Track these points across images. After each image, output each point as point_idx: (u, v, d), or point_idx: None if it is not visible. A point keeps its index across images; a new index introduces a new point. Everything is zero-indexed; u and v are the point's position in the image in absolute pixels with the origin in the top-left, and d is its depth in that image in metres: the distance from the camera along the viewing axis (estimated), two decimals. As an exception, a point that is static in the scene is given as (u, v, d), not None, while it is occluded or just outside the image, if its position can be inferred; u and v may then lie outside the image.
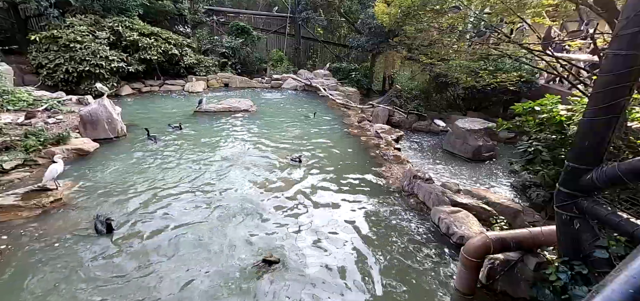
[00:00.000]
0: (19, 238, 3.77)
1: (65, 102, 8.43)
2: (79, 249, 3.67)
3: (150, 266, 3.47)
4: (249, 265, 3.53)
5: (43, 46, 9.70)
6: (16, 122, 6.52)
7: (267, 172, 5.81)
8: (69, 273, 3.32)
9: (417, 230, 4.37)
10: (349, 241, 4.05)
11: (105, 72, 10.07)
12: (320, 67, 16.58)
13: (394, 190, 5.44)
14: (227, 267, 3.51)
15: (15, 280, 3.20)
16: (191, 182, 5.29)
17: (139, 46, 11.01)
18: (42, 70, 9.66)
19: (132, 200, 4.68)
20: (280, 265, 3.54)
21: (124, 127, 7.30)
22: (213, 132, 7.83)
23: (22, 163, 5.43)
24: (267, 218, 4.44)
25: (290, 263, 3.61)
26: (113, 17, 11.01)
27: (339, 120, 9.50)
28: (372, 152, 7.04)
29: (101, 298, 3.05)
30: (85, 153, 6.16)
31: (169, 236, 3.94)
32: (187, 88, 12.10)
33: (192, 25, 14.12)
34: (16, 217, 4.16)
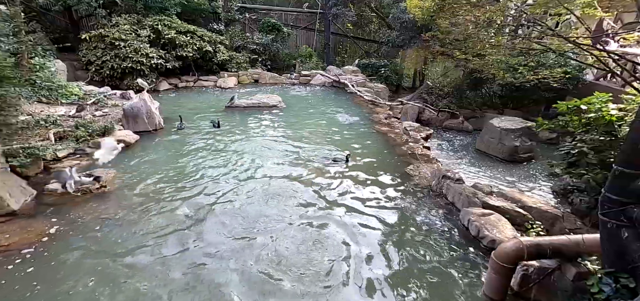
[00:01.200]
0: (69, 221, 4.13)
1: (110, 96, 9.08)
2: (118, 233, 3.96)
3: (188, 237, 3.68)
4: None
5: (92, 44, 10.50)
6: (69, 114, 7.13)
7: (294, 166, 5.90)
8: (104, 249, 3.60)
9: (444, 231, 4.24)
10: (372, 239, 4.01)
11: (145, 69, 10.72)
12: (349, 63, 16.47)
13: (422, 190, 5.30)
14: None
15: (62, 259, 3.51)
16: (226, 174, 5.50)
17: (176, 44, 11.58)
18: (90, 67, 10.48)
19: (169, 187, 4.96)
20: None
21: (162, 121, 7.72)
22: (243, 127, 8.06)
23: (73, 152, 5.93)
24: (289, 210, 4.51)
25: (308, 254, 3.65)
26: (153, 16, 11.66)
27: (366, 117, 9.40)
28: (400, 150, 6.90)
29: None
30: (128, 144, 6.59)
31: (212, 219, 4.16)
32: (219, 84, 12.55)
33: (225, 23, 14.58)
34: (67, 201, 4.57)
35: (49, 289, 3.08)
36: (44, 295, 3.01)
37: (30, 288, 3.09)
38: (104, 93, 9.07)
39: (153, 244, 3.77)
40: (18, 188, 4.52)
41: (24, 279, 3.19)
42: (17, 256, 3.47)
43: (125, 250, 3.65)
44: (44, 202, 4.53)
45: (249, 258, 3.59)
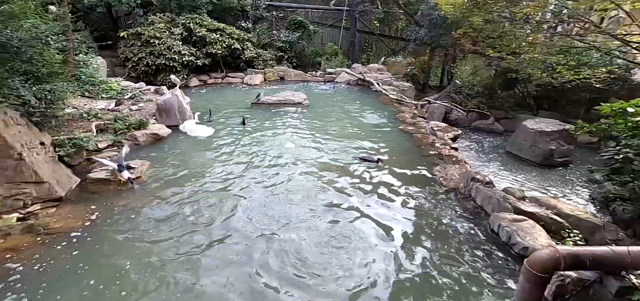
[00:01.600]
0: (108, 208, 4.41)
1: (145, 91, 9.55)
2: (151, 221, 4.18)
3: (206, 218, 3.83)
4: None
5: (129, 42, 11.09)
6: (108, 108, 7.58)
7: (318, 164, 5.93)
8: (141, 235, 3.81)
9: (472, 236, 4.11)
10: (396, 241, 3.96)
11: (177, 65, 11.17)
12: (374, 61, 16.28)
13: (449, 192, 5.16)
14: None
15: (102, 244, 3.76)
16: (252, 170, 5.64)
17: (206, 41, 11.96)
18: (128, 63, 11.07)
19: (198, 180, 5.17)
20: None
21: (192, 115, 8.02)
22: (269, 123, 8.19)
23: (112, 143, 6.31)
24: (315, 208, 4.55)
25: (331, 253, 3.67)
26: (186, 15, 12.11)
27: (392, 116, 9.26)
28: (426, 151, 6.75)
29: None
30: (160, 137, 6.91)
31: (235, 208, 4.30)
32: (246, 81, 12.83)
33: (253, 21, 14.86)
34: (106, 189, 4.88)
35: (91, 270, 3.32)
36: (88, 275, 3.25)
37: (76, 268, 3.34)
38: (140, 88, 9.55)
39: (183, 233, 3.95)
40: (65, 176, 4.88)
41: (70, 260, 3.45)
42: (64, 238, 3.76)
43: (158, 238, 3.86)
44: (87, 189, 4.86)
45: (271, 255, 3.65)
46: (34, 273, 3.25)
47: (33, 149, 4.53)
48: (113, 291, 3.09)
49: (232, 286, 3.19)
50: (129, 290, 3.10)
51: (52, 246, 3.62)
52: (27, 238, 3.73)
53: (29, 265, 3.34)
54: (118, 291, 3.10)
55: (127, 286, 3.15)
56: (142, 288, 3.14)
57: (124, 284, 3.18)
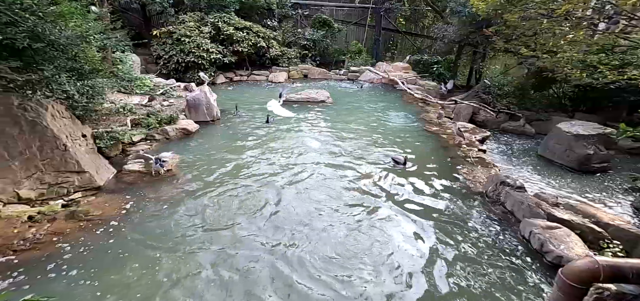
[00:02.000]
0: (141, 198, 4.65)
1: (175, 88, 9.93)
2: (180, 213, 4.36)
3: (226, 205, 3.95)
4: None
5: (161, 40, 11.58)
6: (141, 104, 7.96)
7: (339, 164, 5.94)
8: (173, 225, 3.99)
9: (501, 242, 3.97)
10: (420, 245, 3.88)
11: (205, 63, 11.53)
12: (399, 60, 16.01)
13: (476, 196, 5.01)
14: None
15: (135, 232, 3.98)
16: (275, 167, 5.75)
17: (233, 39, 12.26)
18: (159, 61, 11.56)
19: (224, 174, 5.34)
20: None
21: (219, 112, 8.27)
22: (292, 121, 8.29)
23: (145, 137, 6.63)
24: (338, 207, 4.56)
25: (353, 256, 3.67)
26: (214, 14, 12.46)
27: (416, 116, 9.09)
28: (452, 152, 6.58)
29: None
30: (189, 132, 7.18)
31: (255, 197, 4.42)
32: (271, 79, 13.04)
33: (279, 19, 15.04)
34: (140, 181, 5.14)
35: (128, 255, 3.53)
36: (126, 259, 3.46)
37: (115, 253, 3.57)
38: (170, 85, 9.95)
39: (210, 226, 4.10)
40: (103, 167, 5.19)
41: (110, 245, 3.68)
42: (103, 225, 4.01)
43: (186, 230, 4.02)
44: (122, 180, 5.15)
45: (294, 254, 3.68)
46: (79, 256, 3.50)
47: (76, 141, 4.85)
48: (150, 275, 3.28)
49: (257, 280, 3.28)
50: (163, 275, 3.27)
51: (93, 232, 3.87)
52: (70, 224, 4.01)
53: (74, 248, 3.59)
54: (154, 274, 3.28)
55: (161, 271, 3.33)
56: (175, 273, 3.31)
57: (159, 269, 3.36)
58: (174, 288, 3.15)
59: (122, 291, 3.08)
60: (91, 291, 3.07)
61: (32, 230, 3.80)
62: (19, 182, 4.25)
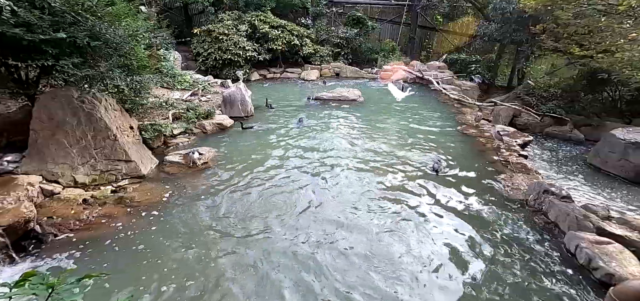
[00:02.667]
0: (180, 189, 4.92)
1: (212, 84, 10.37)
2: (216, 204, 4.57)
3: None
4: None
5: (201, 38, 12.12)
6: (182, 99, 8.41)
7: (370, 165, 5.89)
8: (211, 215, 4.20)
9: (542, 255, 3.73)
10: (455, 255, 3.70)
11: (241, 60, 11.92)
12: (434, 59, 15.50)
13: (515, 203, 4.74)
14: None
15: (174, 220, 4.23)
16: (306, 166, 5.83)
17: (268, 37, 12.55)
18: (199, 58, 12.12)
19: (257, 169, 5.50)
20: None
21: (252, 108, 8.51)
22: (324, 120, 8.33)
23: (184, 131, 6.99)
24: (369, 211, 4.53)
25: (386, 263, 3.63)
26: (251, 12, 12.83)
27: (451, 118, 8.76)
28: (490, 157, 6.27)
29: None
30: (224, 127, 7.47)
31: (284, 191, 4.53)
32: (303, 76, 13.18)
33: (313, 17, 15.15)
34: (179, 171, 5.45)
35: (170, 239, 3.77)
36: (167, 243, 3.70)
37: (158, 236, 3.83)
38: (208, 81, 10.41)
39: (241, 218, 4.26)
40: (147, 157, 5.56)
41: (153, 229, 3.95)
42: (146, 211, 4.30)
43: (221, 220, 4.21)
44: (163, 170, 5.47)
45: (323, 259, 3.64)
46: (126, 238, 3.79)
47: (124, 132, 5.24)
48: (186, 258, 3.50)
49: (282, 278, 3.37)
50: (197, 259, 3.48)
51: (137, 217, 4.17)
52: (118, 208, 4.35)
53: (121, 230, 3.90)
54: (189, 258, 3.49)
55: (195, 255, 3.54)
56: (207, 258, 3.51)
57: (194, 253, 3.58)
58: (206, 269, 3.36)
59: (162, 271, 3.31)
60: (136, 270, 3.33)
61: (86, 212, 4.17)
62: (75, 167, 4.69)
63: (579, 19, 5.78)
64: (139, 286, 3.13)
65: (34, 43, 3.62)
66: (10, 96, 4.90)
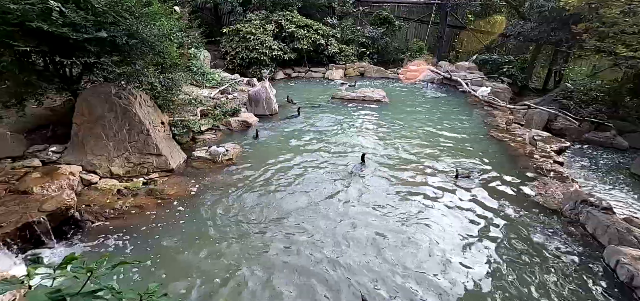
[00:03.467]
0: (206, 183, 5.08)
1: (239, 82, 10.63)
2: (241, 198, 4.67)
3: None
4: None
5: (229, 38, 12.45)
6: (210, 96, 8.69)
7: (393, 167, 5.79)
8: (236, 209, 4.31)
9: (579, 269, 3.50)
10: (486, 267, 3.52)
11: (267, 59, 12.12)
12: (464, 59, 14.97)
13: (549, 212, 4.48)
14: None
15: (201, 212, 4.37)
16: (328, 166, 5.84)
17: (294, 37, 12.67)
18: (227, 57, 12.47)
19: (281, 166, 5.58)
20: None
21: (277, 106, 8.63)
22: (347, 120, 8.28)
23: (211, 127, 7.21)
24: (389, 215, 4.45)
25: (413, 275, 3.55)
26: (278, 12, 13.00)
27: (480, 120, 8.44)
28: (523, 162, 5.97)
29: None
30: (249, 125, 7.62)
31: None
32: (327, 76, 13.18)
33: (339, 17, 15.10)
34: (205, 166, 5.62)
35: (193, 232, 3.92)
36: (195, 233, 3.86)
37: (182, 228, 3.99)
38: (235, 79, 10.67)
39: (265, 212, 4.34)
40: (176, 152, 5.79)
41: (182, 220, 4.12)
42: (174, 203, 4.49)
43: (245, 214, 4.32)
44: (190, 165, 5.68)
45: (344, 263, 3.56)
46: (155, 228, 3.98)
47: (156, 127, 5.49)
48: (210, 248, 3.64)
49: (300, 273, 3.39)
50: (220, 248, 3.60)
51: (166, 208, 4.36)
52: (149, 200, 4.56)
53: (152, 220, 4.10)
54: (214, 248, 3.62)
55: (220, 246, 3.66)
56: (234, 246, 3.65)
57: (218, 244, 3.70)
58: (229, 259, 3.49)
59: (188, 260, 3.45)
60: (163, 259, 3.48)
61: (120, 202, 4.42)
62: (111, 159, 4.97)
63: (627, 17, 5.35)
64: (167, 274, 3.28)
65: (78, 41, 3.89)
66: (56, 91, 5.27)
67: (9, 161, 4.66)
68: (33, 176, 4.23)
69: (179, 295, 3.04)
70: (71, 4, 3.80)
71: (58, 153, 4.93)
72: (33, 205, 3.66)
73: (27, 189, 3.94)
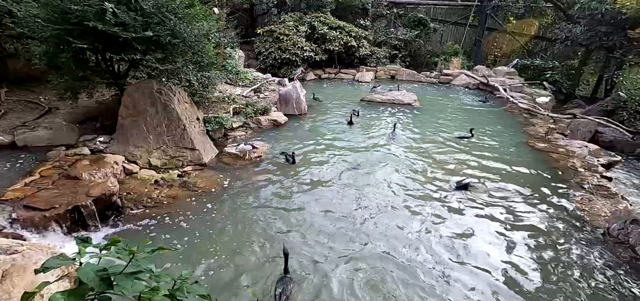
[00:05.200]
0: (236, 178, 5.26)
1: (270, 82, 10.87)
2: (269, 193, 4.79)
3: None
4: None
5: (263, 38, 12.79)
6: (242, 95, 8.97)
7: (425, 174, 5.63)
8: (263, 200, 4.42)
9: (628, 296, 3.21)
10: (523, 282, 3.32)
11: (298, 60, 12.31)
12: (502, 64, 14.26)
13: (594, 231, 4.15)
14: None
15: (232, 204, 4.54)
16: (353, 164, 5.82)
17: (326, 38, 12.75)
18: (260, 57, 12.81)
19: (308, 166, 5.64)
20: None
21: (306, 107, 8.72)
22: (376, 123, 8.20)
23: (242, 125, 7.44)
24: (413, 227, 4.34)
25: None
26: (312, 13, 13.16)
27: (518, 129, 7.99)
28: (565, 176, 5.58)
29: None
30: (278, 124, 7.78)
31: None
32: (357, 78, 13.12)
33: (372, 18, 14.98)
34: (235, 162, 5.82)
35: (228, 221, 4.10)
36: (226, 224, 4.03)
37: (213, 219, 4.17)
38: (266, 79, 10.93)
39: (291, 210, 4.41)
40: (208, 147, 6.04)
41: (209, 214, 4.30)
42: (205, 195, 4.69)
43: (272, 210, 4.43)
44: (221, 160, 5.89)
45: (364, 274, 3.51)
46: (188, 218, 4.19)
47: (192, 122, 5.77)
48: (238, 239, 3.80)
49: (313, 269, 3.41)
50: (248, 239, 3.72)
51: (198, 200, 4.57)
52: (183, 191, 4.80)
53: (185, 211, 4.32)
54: (242, 239, 3.77)
55: (256, 234, 3.79)
56: (261, 240, 3.75)
57: (254, 233, 3.86)
58: (256, 253, 3.60)
59: (216, 251, 3.61)
60: (194, 248, 3.67)
61: (157, 191, 4.69)
62: (151, 151, 5.30)
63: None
64: (196, 262, 3.45)
65: (127, 40, 4.20)
66: (105, 86, 5.72)
67: (63, 148, 5.13)
68: (83, 163, 4.62)
69: (206, 282, 3.18)
70: (123, 6, 4.11)
71: (105, 144, 5.34)
72: (82, 189, 3.99)
73: (77, 175, 4.30)
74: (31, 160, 4.94)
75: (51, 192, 3.94)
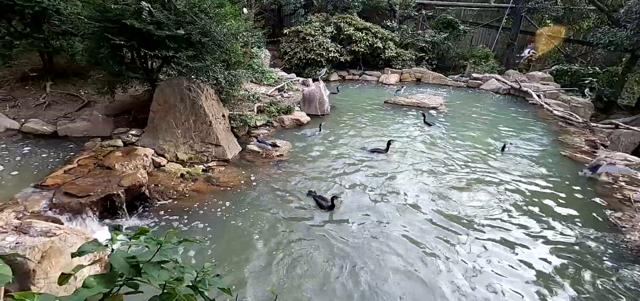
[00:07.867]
0: (259, 174, 5.34)
1: (294, 81, 10.96)
2: (290, 190, 4.82)
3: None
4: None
5: (289, 38, 12.93)
6: (267, 93, 9.11)
7: (447, 181, 5.46)
8: (283, 202, 4.46)
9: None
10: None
11: (323, 61, 12.33)
12: (537, 68, 13.56)
13: (635, 250, 3.84)
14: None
15: (255, 199, 4.61)
16: (374, 169, 5.74)
17: (351, 39, 12.69)
18: (285, 56, 12.96)
19: (328, 166, 5.65)
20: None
21: (329, 108, 8.71)
22: (399, 126, 8.03)
23: (265, 123, 7.54)
24: (445, 241, 4.20)
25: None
26: (338, 14, 13.14)
27: (552, 137, 7.56)
28: (604, 190, 5.20)
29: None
30: (301, 123, 7.81)
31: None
32: (382, 80, 12.94)
33: (400, 20, 14.75)
34: (258, 160, 5.90)
35: (251, 215, 4.20)
36: (248, 218, 4.12)
37: (235, 213, 4.26)
38: (291, 79, 11.03)
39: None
40: (232, 144, 6.18)
41: (231, 208, 4.40)
42: (228, 190, 4.81)
43: (292, 207, 4.46)
44: (244, 157, 5.99)
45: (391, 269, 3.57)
46: (211, 212, 4.32)
47: (217, 119, 5.92)
48: (260, 232, 3.87)
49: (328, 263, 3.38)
50: (268, 233, 3.76)
51: (221, 195, 4.69)
52: (206, 186, 4.93)
53: (208, 204, 4.44)
54: (263, 232, 3.84)
55: (268, 231, 3.85)
56: (281, 237, 3.82)
57: (267, 230, 3.92)
58: (275, 249, 3.62)
59: (238, 244, 3.70)
60: (217, 241, 3.76)
61: (182, 185, 4.85)
62: (178, 146, 5.49)
63: None
64: (216, 255, 3.53)
65: (160, 38, 4.38)
66: (139, 82, 6.01)
67: (98, 140, 5.43)
68: (116, 154, 4.87)
69: (226, 276, 3.25)
70: (158, 5, 4.30)
71: (136, 136, 5.60)
72: (114, 179, 4.21)
73: (111, 165, 4.54)
74: (70, 150, 5.27)
75: (86, 180, 4.18)
